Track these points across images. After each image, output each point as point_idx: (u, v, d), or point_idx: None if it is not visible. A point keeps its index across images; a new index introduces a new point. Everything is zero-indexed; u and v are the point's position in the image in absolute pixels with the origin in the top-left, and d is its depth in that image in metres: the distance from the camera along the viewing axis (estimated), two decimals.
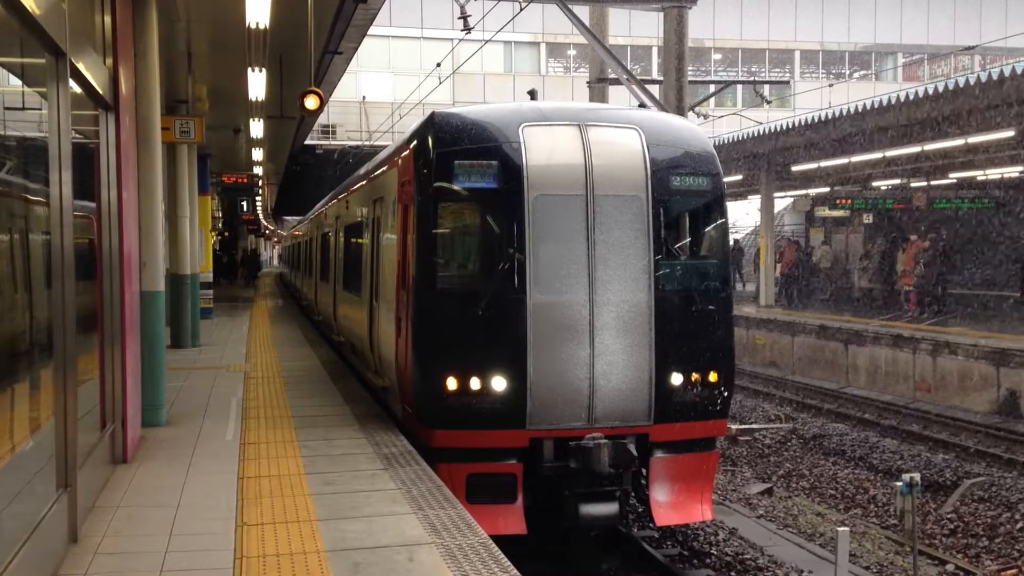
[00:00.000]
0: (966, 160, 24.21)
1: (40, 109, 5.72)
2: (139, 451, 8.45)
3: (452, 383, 8.27)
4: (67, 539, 5.77)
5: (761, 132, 23.04)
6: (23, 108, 5.66)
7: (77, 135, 6.50)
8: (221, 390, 11.73)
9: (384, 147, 15.79)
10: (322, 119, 34.49)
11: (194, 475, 7.59)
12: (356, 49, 16.14)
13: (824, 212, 33.15)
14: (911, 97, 17.22)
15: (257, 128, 18.10)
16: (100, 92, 7.31)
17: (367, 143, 36.12)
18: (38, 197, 5.59)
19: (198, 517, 6.46)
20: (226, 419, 9.87)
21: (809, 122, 20.69)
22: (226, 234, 43.82)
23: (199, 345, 16.48)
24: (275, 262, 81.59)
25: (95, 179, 7.66)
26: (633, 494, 8.92)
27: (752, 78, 44.59)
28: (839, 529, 8.83)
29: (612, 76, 18.48)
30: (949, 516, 12.79)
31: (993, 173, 27.02)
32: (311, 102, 11.17)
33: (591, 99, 19.52)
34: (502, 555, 5.69)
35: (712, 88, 30.07)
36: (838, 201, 31.91)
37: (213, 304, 22.33)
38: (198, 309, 17.91)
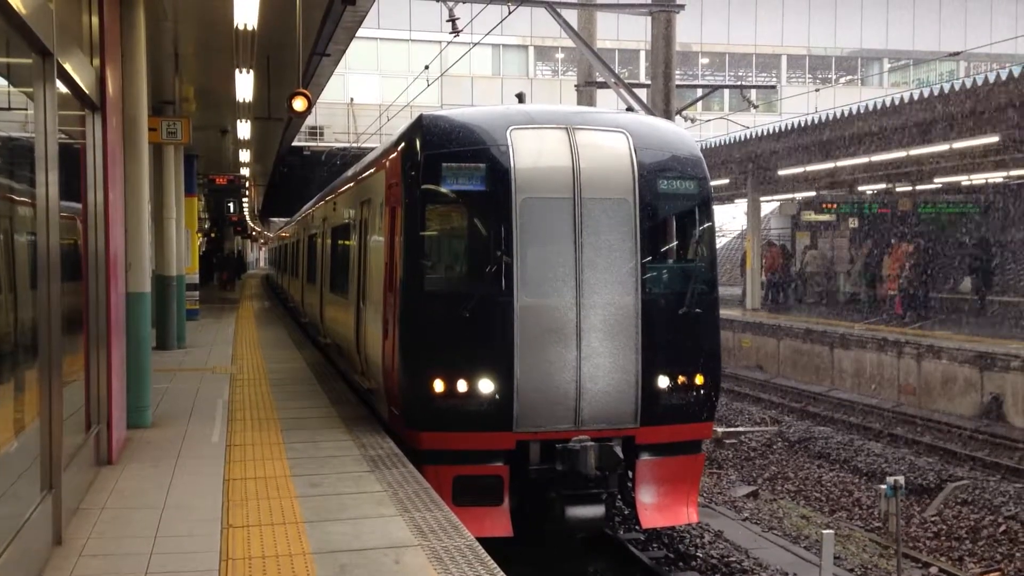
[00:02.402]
0: (951, 165, 24.37)
1: (26, 109, 5.70)
2: (124, 453, 8.41)
3: (439, 385, 8.27)
4: (51, 541, 5.74)
5: (748, 136, 23.13)
6: (9, 108, 5.63)
7: (63, 136, 6.48)
8: (207, 392, 11.69)
9: (372, 149, 15.78)
10: (309, 121, 34.43)
11: (179, 477, 7.57)
12: (344, 51, 16.13)
13: (810, 216, 33.30)
14: (896, 102, 17.33)
15: (244, 129, 18.06)
16: (87, 92, 7.29)
17: (355, 145, 36.08)
18: (23, 197, 5.57)
19: (183, 519, 6.44)
20: (212, 421, 9.84)
21: (795, 126, 20.80)
22: (212, 235, 43.50)
23: (185, 347, 16.43)
24: (262, 264, 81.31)
25: (81, 180, 7.63)
26: (619, 496, 8.94)
27: (739, 82, 44.75)
28: (824, 532, 8.88)
29: (600, 79, 18.52)
30: (933, 519, 12.87)
31: (978, 178, 27.22)
32: (299, 104, 11.17)
33: (579, 102, 19.54)
34: (488, 557, 5.69)
35: (699, 92, 30.18)
36: (824, 205, 32.06)
37: (199, 305, 22.26)
38: (184, 310, 17.85)
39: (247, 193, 37.20)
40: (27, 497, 5.39)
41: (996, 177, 26.91)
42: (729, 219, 46.41)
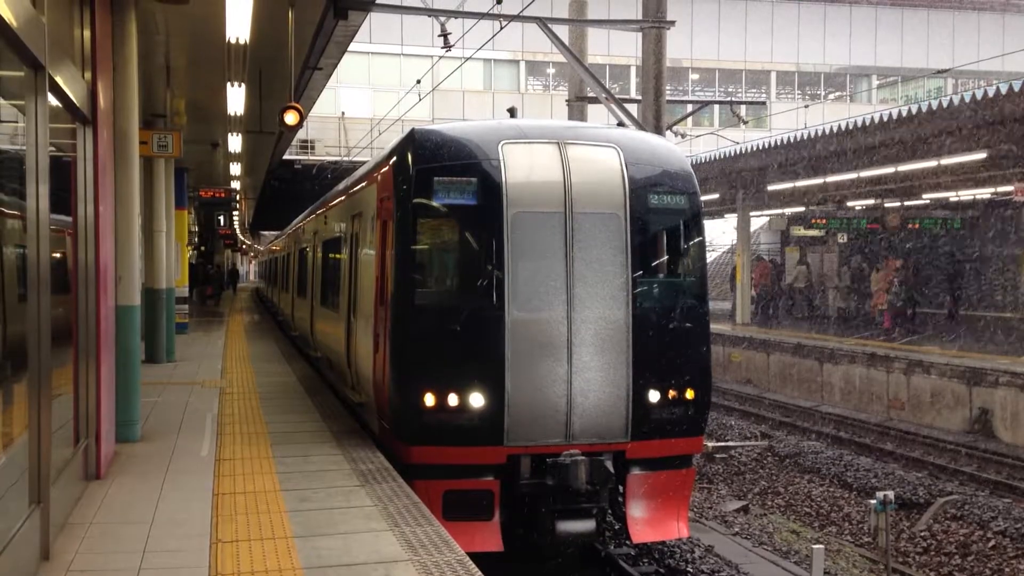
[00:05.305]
0: (939, 181, 24.53)
1: (17, 122, 5.69)
2: (113, 467, 8.36)
3: (429, 399, 8.26)
4: (39, 556, 5.70)
5: (737, 152, 23.24)
6: (0, 121, 5.63)
7: (54, 149, 6.47)
8: (196, 405, 11.64)
9: (363, 163, 15.79)
10: (301, 134, 34.41)
11: (168, 491, 7.53)
12: (336, 65, 16.12)
13: (799, 231, 33.43)
14: (885, 119, 17.45)
15: (235, 143, 18.05)
16: (78, 106, 7.28)
17: (346, 159, 36.08)
18: (13, 210, 5.56)
19: (172, 534, 6.40)
20: (201, 435, 9.80)
21: (784, 142, 20.91)
22: (202, 248, 43.30)
23: (174, 360, 16.36)
24: (251, 277, 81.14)
25: (72, 193, 7.62)
26: (610, 511, 8.93)
27: (729, 98, 44.97)
28: (814, 547, 8.90)
29: (591, 94, 18.60)
30: (922, 534, 12.89)
31: (966, 194, 27.40)
32: (291, 118, 11.18)
33: (570, 117, 19.62)
34: (479, 572, 5.68)
35: (690, 108, 30.28)
36: (813, 220, 32.21)
37: (188, 319, 22.18)
38: (173, 324, 17.78)
39: (238, 206, 37.09)
40: (15, 511, 5.35)
41: (983, 193, 27.09)
42: (719, 234, 46.59)
